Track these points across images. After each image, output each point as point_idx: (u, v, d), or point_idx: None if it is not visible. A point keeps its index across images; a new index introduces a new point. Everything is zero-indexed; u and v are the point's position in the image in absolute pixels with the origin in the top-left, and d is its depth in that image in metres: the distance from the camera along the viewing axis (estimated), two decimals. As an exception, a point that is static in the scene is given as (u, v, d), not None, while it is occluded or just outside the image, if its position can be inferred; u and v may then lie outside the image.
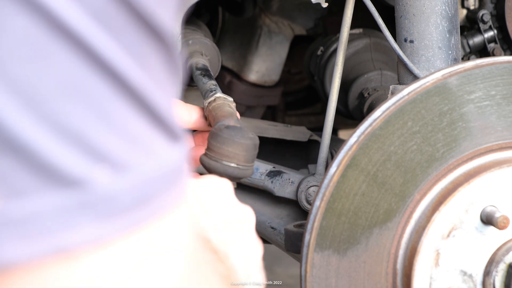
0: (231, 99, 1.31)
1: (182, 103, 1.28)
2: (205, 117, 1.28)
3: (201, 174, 1.10)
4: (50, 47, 0.53)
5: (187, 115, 1.27)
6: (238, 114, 1.28)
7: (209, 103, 1.29)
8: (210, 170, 1.09)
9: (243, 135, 1.12)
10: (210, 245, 0.84)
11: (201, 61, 1.61)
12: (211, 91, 1.35)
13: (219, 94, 1.31)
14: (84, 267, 0.55)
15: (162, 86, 0.58)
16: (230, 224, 0.88)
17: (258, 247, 0.92)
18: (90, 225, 0.54)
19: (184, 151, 0.60)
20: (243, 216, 0.91)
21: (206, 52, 1.69)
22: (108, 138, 0.55)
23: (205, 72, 1.53)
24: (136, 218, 0.56)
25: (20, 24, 0.52)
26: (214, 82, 1.43)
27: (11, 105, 0.52)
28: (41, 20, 0.52)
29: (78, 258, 0.54)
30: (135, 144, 0.56)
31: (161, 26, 0.57)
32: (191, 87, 1.60)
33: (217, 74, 1.73)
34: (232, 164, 1.10)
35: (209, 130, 1.28)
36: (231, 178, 1.10)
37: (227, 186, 0.92)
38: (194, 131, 1.32)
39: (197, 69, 1.56)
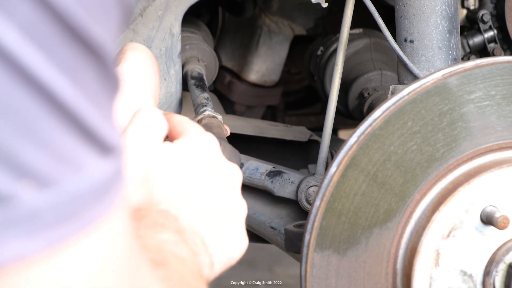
0: (220, 117, 1.31)
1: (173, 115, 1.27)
2: None
3: None
4: None
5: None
6: (228, 131, 1.28)
7: (198, 121, 1.29)
8: None
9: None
10: (175, 224, 0.83)
11: (197, 68, 1.61)
12: (202, 106, 1.35)
13: (208, 112, 1.31)
14: (10, 285, 0.54)
15: (96, 100, 0.58)
16: (206, 192, 0.87)
17: (240, 207, 0.90)
18: (15, 241, 0.53)
19: (118, 163, 0.59)
20: (227, 174, 0.90)
21: (203, 58, 1.68)
22: (33, 154, 0.54)
23: (199, 82, 1.53)
24: (61, 233, 0.55)
25: None
26: (206, 95, 1.43)
27: None
28: None
29: (4, 276, 0.54)
30: (62, 159, 0.55)
31: (96, 41, 0.57)
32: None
33: (213, 79, 1.73)
34: None
35: None
36: None
37: (212, 141, 0.90)
38: None
39: (192, 78, 1.56)
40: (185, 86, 1.62)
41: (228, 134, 1.29)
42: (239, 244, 0.90)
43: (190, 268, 0.81)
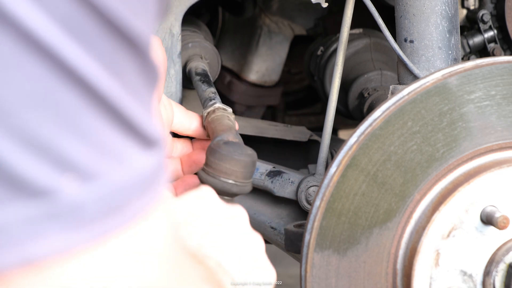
0: (230, 110, 1.31)
1: (183, 109, 1.28)
2: (204, 127, 1.28)
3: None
4: (18, 58, 0.52)
5: (188, 122, 1.27)
6: (237, 125, 1.28)
7: (208, 113, 1.29)
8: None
9: (242, 151, 1.12)
10: (187, 251, 0.84)
11: (201, 65, 1.61)
12: (210, 100, 1.35)
13: (218, 104, 1.31)
14: (55, 278, 0.54)
15: (137, 93, 0.58)
16: (214, 225, 0.88)
17: (256, 240, 0.91)
18: (58, 235, 0.54)
19: (160, 156, 0.59)
20: (232, 215, 0.91)
21: (206, 56, 1.68)
22: (76, 148, 0.54)
23: (204, 78, 1.53)
24: (105, 227, 0.55)
25: None
26: (213, 89, 1.43)
27: None
28: (6, 30, 0.52)
29: (47, 268, 0.54)
30: (105, 152, 0.55)
31: (135, 33, 0.57)
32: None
33: (216, 77, 1.73)
34: (230, 181, 1.10)
35: (208, 139, 1.28)
36: (228, 194, 1.10)
37: (209, 193, 0.91)
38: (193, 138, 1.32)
39: (197, 74, 1.56)
40: (187, 84, 1.62)
41: (237, 128, 1.29)
42: (267, 272, 0.92)
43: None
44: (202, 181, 1.11)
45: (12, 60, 0.52)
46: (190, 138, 1.32)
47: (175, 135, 1.31)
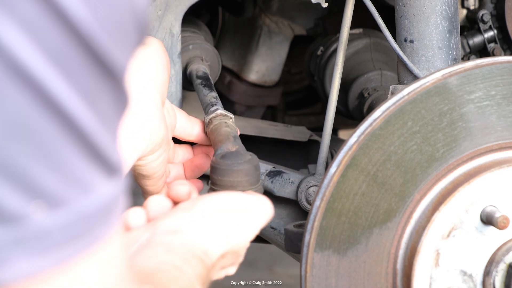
0: (231, 115, 1.31)
1: (185, 115, 1.28)
2: (206, 133, 1.29)
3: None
4: (1, 86, 0.53)
5: (190, 128, 1.28)
6: (238, 130, 1.28)
7: (210, 120, 1.29)
8: None
9: (240, 160, 1.12)
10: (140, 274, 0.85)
11: (202, 67, 1.61)
12: (212, 105, 1.35)
13: (220, 110, 1.31)
14: None
15: (108, 122, 0.59)
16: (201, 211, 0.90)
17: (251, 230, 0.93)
18: (24, 260, 0.54)
19: (121, 184, 0.61)
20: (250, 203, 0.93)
21: (207, 57, 1.69)
22: (47, 175, 0.55)
23: (206, 81, 1.53)
24: (69, 252, 0.56)
25: None
26: (214, 94, 1.43)
27: None
28: None
29: None
30: (73, 180, 0.57)
31: (115, 64, 0.58)
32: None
33: (217, 78, 1.73)
34: None
35: (209, 145, 1.29)
36: None
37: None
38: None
39: (198, 77, 1.56)
40: (187, 86, 1.62)
41: (238, 134, 1.29)
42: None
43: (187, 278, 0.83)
44: None
45: None
46: (191, 144, 1.33)
47: (175, 140, 1.31)
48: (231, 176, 1.11)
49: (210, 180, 1.14)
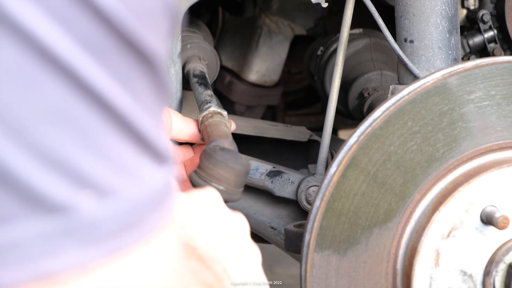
0: (225, 113, 1.31)
1: (180, 116, 1.28)
2: (200, 131, 1.29)
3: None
4: (35, 74, 0.53)
5: (186, 128, 1.28)
6: (233, 125, 1.28)
7: (204, 117, 1.29)
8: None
9: (237, 160, 1.12)
10: (196, 253, 0.85)
11: (199, 67, 1.61)
12: (207, 103, 1.35)
13: (214, 108, 1.31)
14: None
15: (150, 110, 0.59)
16: (220, 230, 0.89)
17: (255, 251, 0.92)
18: (74, 251, 0.54)
19: (171, 172, 0.61)
20: (235, 222, 0.92)
21: (205, 57, 1.69)
22: (93, 164, 0.55)
23: (202, 80, 1.53)
24: (120, 243, 0.56)
25: (6, 52, 0.52)
26: (210, 92, 1.43)
27: None
28: (27, 48, 0.53)
29: (62, 283, 0.55)
30: (121, 169, 0.56)
31: (149, 50, 0.58)
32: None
33: (215, 78, 1.73)
34: (221, 187, 1.10)
35: (204, 144, 1.29)
36: None
37: (216, 196, 0.92)
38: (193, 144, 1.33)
39: (194, 76, 1.56)
40: (186, 85, 1.63)
41: (234, 129, 1.29)
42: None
43: None
44: (193, 184, 1.11)
45: (32, 77, 0.53)
46: (190, 144, 1.33)
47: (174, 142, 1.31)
48: (223, 170, 1.10)
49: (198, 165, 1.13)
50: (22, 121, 0.53)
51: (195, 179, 1.11)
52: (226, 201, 1.12)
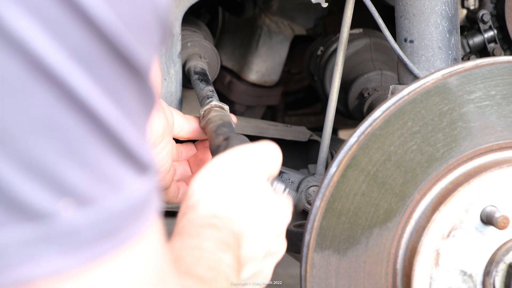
0: (226, 107, 1.32)
1: (181, 114, 1.29)
2: (202, 127, 1.29)
3: None
4: (24, 83, 0.53)
5: (187, 126, 1.29)
6: (234, 118, 1.28)
7: (205, 112, 1.29)
8: None
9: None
10: (238, 251, 0.86)
11: (200, 64, 1.61)
12: (208, 98, 1.35)
13: (215, 102, 1.32)
14: None
15: (136, 120, 0.59)
16: (237, 190, 0.89)
17: (278, 204, 0.94)
18: (53, 258, 0.55)
19: (153, 182, 0.61)
20: (256, 176, 0.93)
21: (205, 55, 1.69)
22: (75, 173, 0.55)
23: (203, 76, 1.53)
24: (99, 251, 0.57)
25: None
26: (211, 88, 1.43)
27: None
28: (19, 58, 0.53)
29: None
30: (102, 178, 0.57)
31: (139, 62, 0.58)
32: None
33: (215, 76, 1.73)
34: None
35: (206, 140, 1.29)
36: None
37: (232, 158, 0.92)
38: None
39: (195, 73, 1.56)
40: (186, 83, 1.63)
41: (235, 122, 1.30)
42: (267, 277, 0.95)
43: None
44: None
45: (20, 86, 0.53)
46: (193, 141, 1.33)
47: (177, 140, 1.31)
48: None
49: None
50: (7, 130, 0.53)
51: None
52: None
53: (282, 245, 0.96)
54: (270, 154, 0.94)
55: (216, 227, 0.85)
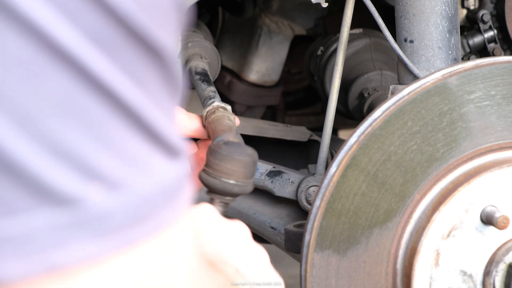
0: (229, 108, 1.32)
1: (184, 112, 1.29)
2: (205, 126, 1.29)
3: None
4: (44, 68, 0.53)
5: (189, 123, 1.28)
6: (238, 121, 1.28)
7: (208, 112, 1.29)
8: (209, 187, 1.10)
9: (242, 151, 1.12)
10: (206, 258, 0.85)
11: (200, 64, 1.61)
12: (210, 99, 1.35)
13: (218, 102, 1.32)
14: (79, 285, 0.55)
15: (161, 103, 0.59)
16: (225, 235, 0.89)
17: (261, 251, 0.93)
18: (83, 243, 0.54)
19: (184, 166, 0.60)
20: (236, 228, 0.92)
21: (206, 55, 1.69)
22: (103, 157, 0.55)
23: (204, 77, 1.53)
24: (130, 236, 0.56)
25: (14, 45, 0.52)
26: (213, 88, 1.43)
27: (4, 125, 0.52)
28: (36, 42, 0.53)
29: (72, 275, 0.55)
30: (131, 162, 0.56)
31: (159, 44, 0.58)
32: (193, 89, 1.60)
33: (216, 76, 1.73)
34: (231, 181, 1.10)
35: (209, 139, 1.29)
36: (229, 194, 1.10)
37: (211, 209, 0.92)
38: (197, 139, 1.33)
39: (196, 73, 1.56)
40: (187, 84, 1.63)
41: (238, 123, 1.29)
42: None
43: None
44: (203, 182, 1.11)
45: (40, 69, 0.53)
46: (195, 140, 1.33)
47: None
48: (230, 163, 1.10)
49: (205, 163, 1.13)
50: (30, 114, 0.53)
51: (204, 178, 1.11)
52: (238, 194, 1.11)
53: (258, 248, 0.95)
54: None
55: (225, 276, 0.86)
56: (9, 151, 0.53)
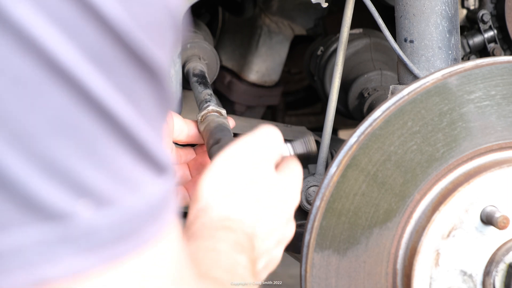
0: (224, 111, 1.32)
1: (180, 118, 1.29)
2: (200, 132, 1.29)
3: None
4: (42, 84, 0.54)
5: (187, 129, 1.29)
6: (232, 122, 1.28)
7: (202, 117, 1.29)
8: None
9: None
10: (253, 253, 0.86)
11: (199, 66, 1.61)
12: (206, 102, 1.35)
13: (212, 106, 1.31)
14: None
15: (152, 121, 0.60)
16: (246, 187, 0.90)
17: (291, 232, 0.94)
18: (71, 258, 0.55)
19: (170, 182, 0.61)
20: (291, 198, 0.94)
21: (204, 56, 1.69)
22: (94, 174, 0.56)
23: (201, 79, 1.53)
24: (117, 252, 0.57)
25: (12, 63, 0.53)
26: (209, 91, 1.43)
27: None
28: (34, 58, 0.53)
29: None
30: (120, 179, 0.57)
31: (154, 62, 0.58)
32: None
33: (215, 78, 1.73)
34: None
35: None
36: None
37: (236, 151, 0.92)
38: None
39: (194, 75, 1.56)
40: (186, 85, 1.63)
41: (233, 126, 1.30)
42: (277, 261, 0.96)
43: None
44: None
45: (38, 87, 0.54)
46: (192, 145, 1.33)
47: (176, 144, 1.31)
48: None
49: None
50: (25, 130, 0.53)
51: None
52: None
53: (291, 229, 0.96)
54: (268, 139, 0.94)
55: (230, 229, 0.85)
56: (1, 166, 0.53)
